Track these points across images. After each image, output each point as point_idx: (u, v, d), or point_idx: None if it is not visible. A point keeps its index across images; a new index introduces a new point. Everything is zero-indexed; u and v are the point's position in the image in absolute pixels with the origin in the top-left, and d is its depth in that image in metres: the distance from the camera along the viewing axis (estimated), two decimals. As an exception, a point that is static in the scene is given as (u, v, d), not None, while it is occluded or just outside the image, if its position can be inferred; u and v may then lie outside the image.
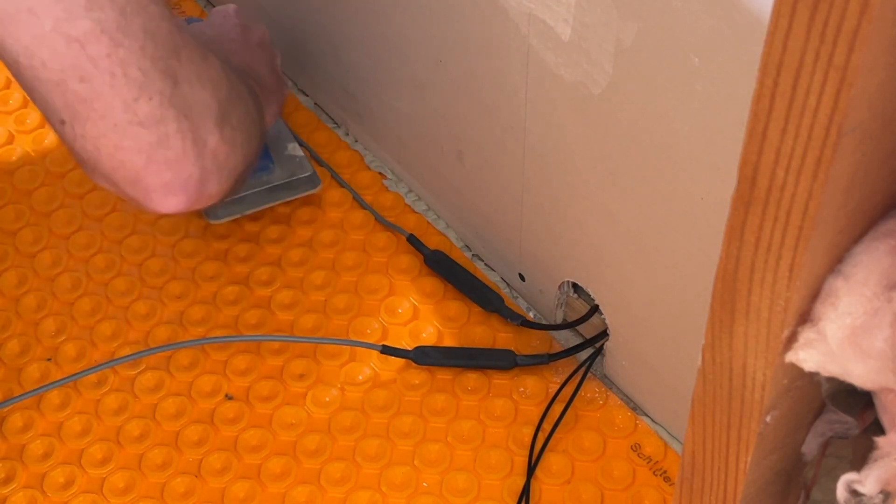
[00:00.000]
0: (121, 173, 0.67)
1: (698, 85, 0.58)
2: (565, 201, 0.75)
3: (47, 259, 0.90)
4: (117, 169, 0.66)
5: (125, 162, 0.66)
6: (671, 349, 0.74)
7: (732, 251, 0.36)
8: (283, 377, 0.83)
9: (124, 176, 0.67)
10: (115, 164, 0.66)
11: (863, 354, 0.35)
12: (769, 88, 0.32)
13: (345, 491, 0.77)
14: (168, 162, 0.66)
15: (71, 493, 0.77)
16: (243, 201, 0.89)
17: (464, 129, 0.81)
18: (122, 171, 0.67)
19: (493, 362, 0.82)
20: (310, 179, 0.91)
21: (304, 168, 0.91)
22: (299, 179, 0.90)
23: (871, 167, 0.34)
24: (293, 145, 0.92)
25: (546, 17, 0.65)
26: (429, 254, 0.88)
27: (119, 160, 0.66)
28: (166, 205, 0.68)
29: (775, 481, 0.45)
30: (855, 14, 0.29)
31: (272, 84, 0.84)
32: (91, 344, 0.85)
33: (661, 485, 0.77)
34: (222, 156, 0.68)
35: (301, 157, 0.91)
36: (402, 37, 0.82)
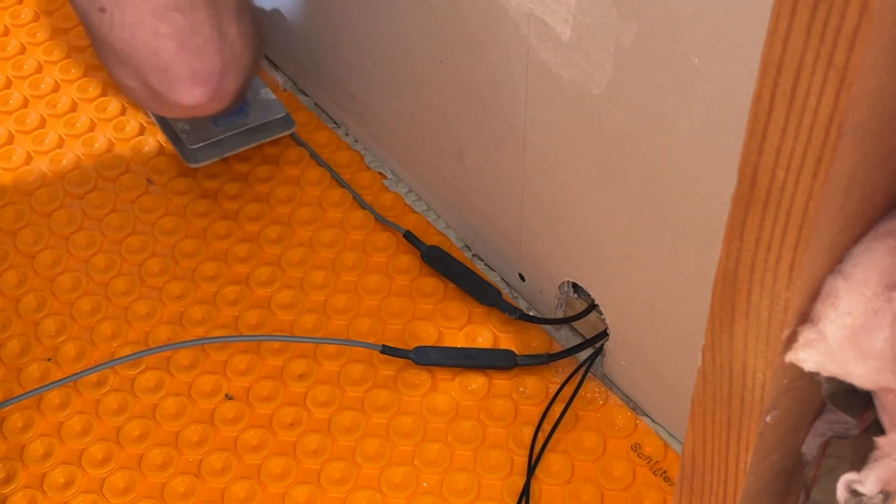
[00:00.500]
0: (152, 62, 0.73)
1: (698, 85, 0.58)
2: (565, 201, 0.75)
3: (47, 259, 0.90)
4: (150, 58, 0.72)
5: (159, 50, 0.72)
6: (671, 349, 0.74)
7: (732, 251, 0.36)
8: (283, 377, 0.83)
9: (155, 64, 0.72)
10: (149, 53, 0.72)
11: (863, 354, 0.35)
12: (769, 88, 0.32)
13: (345, 491, 0.77)
14: (197, 50, 0.72)
15: (71, 493, 0.77)
16: (221, 144, 0.91)
17: (464, 129, 0.81)
18: (153, 60, 0.72)
19: (493, 362, 0.82)
20: (284, 121, 0.93)
21: (278, 110, 0.93)
22: (274, 121, 0.93)
23: (871, 167, 0.34)
24: (266, 90, 0.94)
25: (546, 17, 0.65)
26: (426, 249, 0.88)
27: (154, 48, 0.72)
28: (191, 95, 0.74)
29: (775, 481, 0.45)
30: (855, 14, 0.29)
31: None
32: (91, 344, 0.85)
33: (661, 485, 0.77)
34: (238, 49, 0.75)
35: (274, 100, 0.94)
36: (402, 37, 0.82)
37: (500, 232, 0.85)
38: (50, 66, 1.02)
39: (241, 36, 0.75)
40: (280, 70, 1.03)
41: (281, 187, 0.94)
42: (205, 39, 0.73)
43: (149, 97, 0.76)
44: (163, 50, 0.72)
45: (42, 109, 0.99)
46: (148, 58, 0.73)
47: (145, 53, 0.73)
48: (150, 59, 0.73)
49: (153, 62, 0.73)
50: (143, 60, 0.73)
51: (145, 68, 0.74)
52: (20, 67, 1.02)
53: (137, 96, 0.77)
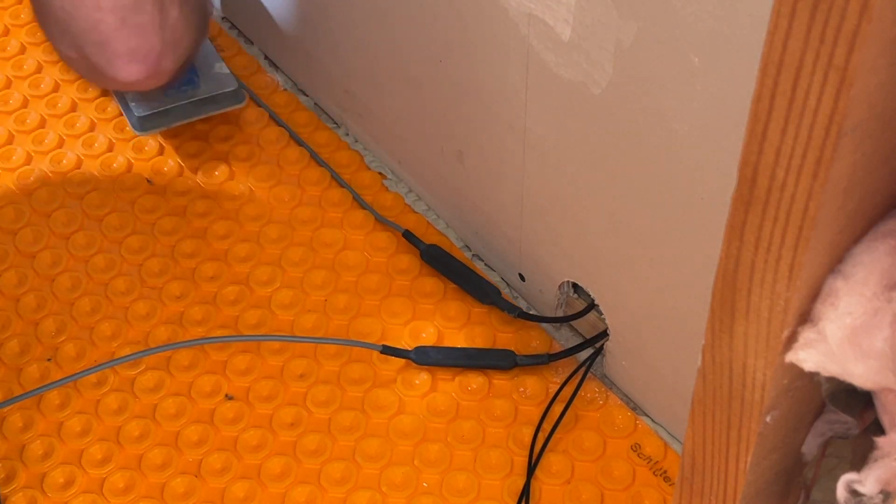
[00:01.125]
0: (92, 35, 0.73)
1: (698, 85, 0.58)
2: (565, 201, 0.75)
3: (47, 259, 0.90)
4: (90, 31, 0.73)
5: (99, 23, 0.72)
6: (671, 349, 0.74)
7: (732, 251, 0.36)
8: (283, 377, 0.83)
9: (95, 38, 0.73)
10: (90, 25, 0.72)
11: (863, 354, 0.35)
12: (769, 88, 0.32)
13: (345, 491, 0.77)
14: (138, 27, 0.73)
15: (71, 493, 0.77)
16: (168, 114, 0.92)
17: (464, 129, 0.81)
18: (93, 33, 0.73)
19: (493, 362, 0.82)
20: (234, 94, 0.93)
21: (229, 84, 0.93)
22: (224, 94, 0.93)
23: (871, 167, 0.34)
24: (220, 65, 0.94)
25: (546, 17, 0.65)
26: (425, 248, 0.88)
27: (94, 20, 0.72)
28: (127, 72, 0.75)
29: (775, 481, 0.45)
30: (855, 14, 0.29)
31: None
32: (91, 344, 0.85)
33: (661, 485, 0.77)
34: (179, 32, 0.76)
35: (227, 74, 0.94)
36: (402, 37, 0.82)
37: (500, 232, 0.85)
38: (50, 66, 1.02)
39: (184, 18, 0.76)
40: (280, 70, 1.03)
41: (281, 187, 0.94)
42: (146, 18, 0.73)
43: (87, 69, 0.77)
44: (103, 23, 0.72)
45: (42, 109, 0.99)
46: (88, 30, 0.73)
47: (85, 25, 0.73)
48: (90, 31, 0.73)
49: (93, 35, 0.73)
50: (82, 32, 0.73)
51: (85, 40, 0.74)
52: (20, 67, 1.02)
53: (77, 67, 0.78)
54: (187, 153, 0.96)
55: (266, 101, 1.00)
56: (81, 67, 0.78)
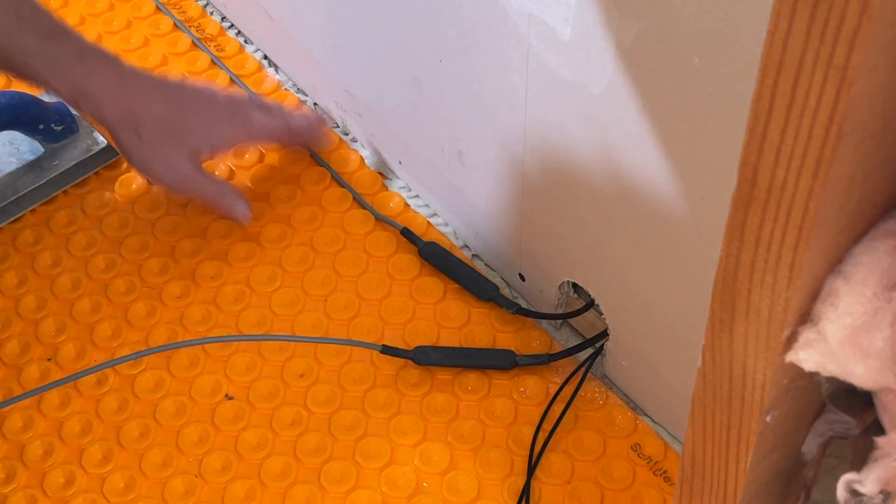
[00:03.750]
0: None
1: (698, 85, 0.58)
2: (565, 201, 0.75)
3: (47, 259, 0.90)
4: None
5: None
6: (671, 349, 0.74)
7: (732, 251, 0.36)
8: (283, 377, 0.83)
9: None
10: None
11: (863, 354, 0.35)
12: (769, 88, 0.32)
13: (345, 491, 0.77)
14: None
15: (71, 492, 0.77)
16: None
17: (464, 129, 0.81)
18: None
19: (492, 362, 0.82)
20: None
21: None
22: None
23: (871, 167, 0.33)
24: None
25: (546, 17, 0.65)
26: (423, 246, 0.88)
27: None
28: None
29: (775, 481, 0.45)
30: (855, 14, 0.29)
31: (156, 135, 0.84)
32: (91, 344, 0.85)
33: (661, 485, 0.77)
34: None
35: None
36: (402, 37, 0.82)
37: (500, 232, 0.85)
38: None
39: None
40: (280, 70, 1.03)
41: (281, 187, 0.94)
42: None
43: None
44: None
45: (42, 109, 0.99)
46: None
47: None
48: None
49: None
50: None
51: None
52: (20, 67, 1.02)
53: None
54: (187, 153, 0.96)
55: (266, 101, 1.00)
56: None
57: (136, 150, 0.82)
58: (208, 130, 0.85)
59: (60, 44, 0.79)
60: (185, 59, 1.03)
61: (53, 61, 0.79)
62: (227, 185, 0.88)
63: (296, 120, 0.91)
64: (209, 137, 0.85)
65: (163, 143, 0.82)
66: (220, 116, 0.85)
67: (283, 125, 0.90)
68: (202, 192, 0.86)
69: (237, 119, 0.86)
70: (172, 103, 0.83)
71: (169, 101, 0.83)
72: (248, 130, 0.87)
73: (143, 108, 0.82)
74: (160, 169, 0.83)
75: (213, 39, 1.05)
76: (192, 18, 1.07)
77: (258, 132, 0.88)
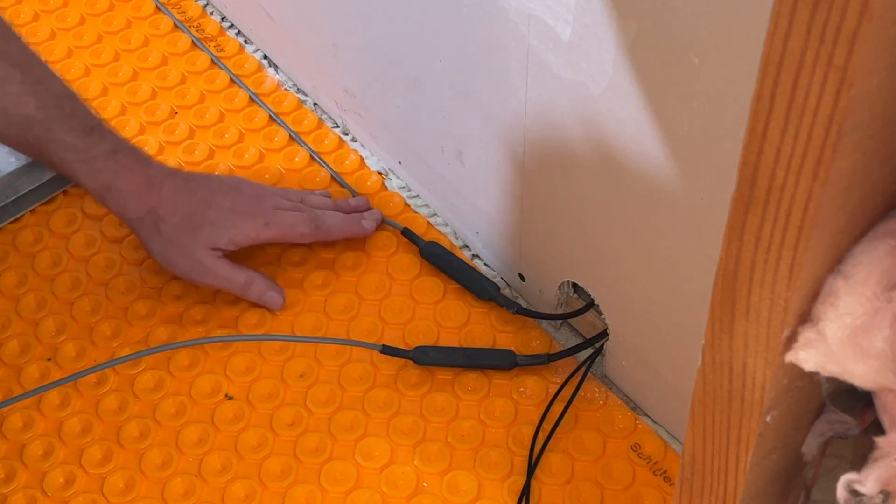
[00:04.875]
0: None
1: (698, 85, 0.58)
2: (565, 201, 0.75)
3: (47, 259, 0.90)
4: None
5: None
6: (671, 349, 0.74)
7: (732, 251, 0.36)
8: (283, 377, 0.83)
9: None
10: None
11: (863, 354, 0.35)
12: (769, 88, 0.32)
13: (345, 491, 0.77)
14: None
15: (71, 492, 0.77)
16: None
17: (464, 129, 0.81)
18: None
19: (492, 362, 0.82)
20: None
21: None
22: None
23: (871, 167, 0.33)
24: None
25: (546, 17, 0.65)
26: (423, 245, 0.88)
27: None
28: None
29: (775, 481, 0.45)
30: (855, 14, 0.29)
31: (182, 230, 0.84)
32: (91, 344, 0.85)
33: (661, 485, 0.77)
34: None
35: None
36: (402, 37, 0.82)
37: (500, 232, 0.85)
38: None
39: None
40: (280, 70, 1.03)
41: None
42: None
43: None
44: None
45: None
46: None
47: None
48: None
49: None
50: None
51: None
52: (20, 67, 1.02)
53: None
54: (188, 153, 0.96)
55: (266, 101, 1.00)
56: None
57: (156, 244, 0.84)
58: (228, 225, 0.84)
59: (95, 141, 0.81)
60: (185, 59, 1.03)
61: (86, 158, 0.81)
62: (256, 274, 0.86)
63: (328, 219, 0.88)
64: (228, 232, 0.84)
65: (180, 238, 0.83)
66: (242, 212, 0.85)
67: (312, 225, 0.87)
68: (226, 282, 0.85)
69: (260, 215, 0.86)
70: (194, 199, 0.84)
71: (191, 198, 0.84)
72: (273, 227, 0.86)
73: (164, 205, 0.83)
74: (177, 261, 0.84)
75: (213, 39, 1.05)
76: (192, 18, 1.07)
77: (284, 228, 0.86)
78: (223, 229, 0.84)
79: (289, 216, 0.86)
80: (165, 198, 0.83)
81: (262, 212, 0.85)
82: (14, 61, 0.78)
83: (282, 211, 0.86)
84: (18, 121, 0.78)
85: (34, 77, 0.79)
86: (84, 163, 0.81)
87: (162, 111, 0.99)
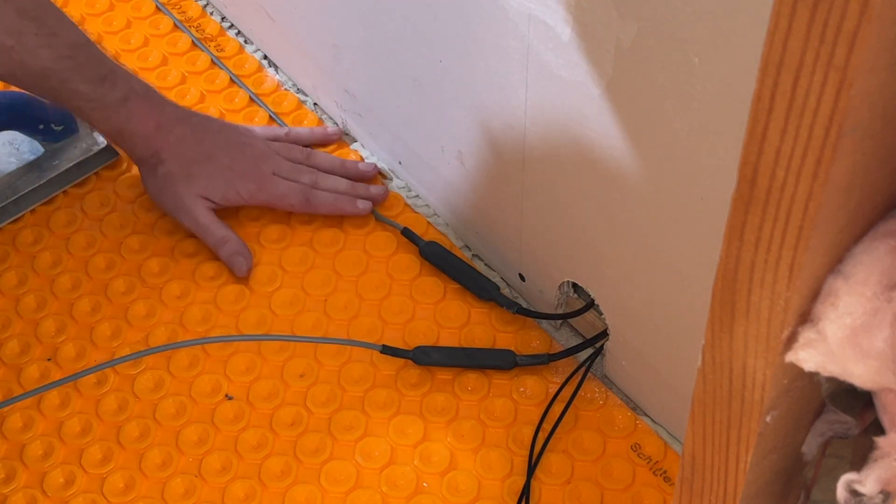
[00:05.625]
0: None
1: (698, 85, 0.58)
2: (565, 201, 0.75)
3: (47, 259, 0.90)
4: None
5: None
6: (671, 349, 0.74)
7: (732, 251, 0.36)
8: (283, 377, 0.83)
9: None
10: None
11: (863, 354, 0.35)
12: (769, 88, 0.32)
13: (345, 491, 0.77)
14: None
15: (71, 492, 0.77)
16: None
17: (464, 129, 0.81)
18: None
19: (492, 362, 0.82)
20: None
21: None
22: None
23: (871, 167, 0.33)
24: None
25: (546, 17, 0.65)
26: (423, 245, 0.88)
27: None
28: None
29: (775, 481, 0.45)
30: (855, 14, 0.29)
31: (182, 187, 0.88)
32: (91, 344, 0.85)
33: (661, 485, 0.77)
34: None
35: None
36: (402, 37, 0.82)
37: (500, 232, 0.85)
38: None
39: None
40: (280, 70, 1.03)
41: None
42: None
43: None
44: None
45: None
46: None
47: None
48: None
49: None
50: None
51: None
52: (20, 67, 1.02)
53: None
54: (187, 153, 0.96)
55: (266, 101, 1.00)
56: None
57: (152, 182, 0.89)
58: (222, 181, 0.88)
59: (107, 90, 0.84)
60: (185, 59, 1.03)
61: (98, 106, 0.84)
62: (233, 235, 0.88)
63: (321, 196, 0.90)
64: (220, 188, 0.88)
65: (175, 181, 0.87)
66: (239, 172, 0.88)
67: (302, 199, 0.89)
68: (204, 230, 0.88)
69: (255, 179, 0.88)
70: (197, 150, 0.87)
71: (195, 148, 0.87)
72: (264, 193, 0.89)
73: (168, 150, 0.87)
74: (167, 199, 0.89)
75: (213, 39, 1.05)
76: (192, 18, 1.07)
77: (274, 198, 0.89)
78: (217, 184, 0.88)
79: (282, 186, 0.89)
80: (171, 144, 0.87)
81: (258, 176, 0.88)
82: (30, 14, 0.80)
83: (278, 179, 0.89)
84: (35, 72, 0.81)
85: (49, 29, 0.81)
86: (97, 110, 0.84)
87: (162, 111, 0.99)
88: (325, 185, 0.90)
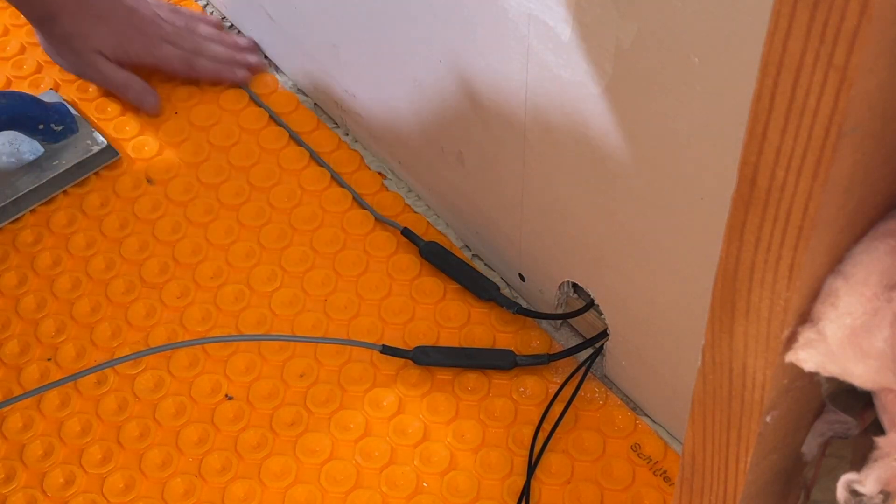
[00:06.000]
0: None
1: (698, 85, 0.58)
2: (565, 201, 0.75)
3: (47, 259, 0.90)
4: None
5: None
6: (671, 349, 0.74)
7: (732, 251, 0.36)
8: (283, 377, 0.83)
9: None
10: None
11: (863, 354, 0.35)
12: (769, 88, 0.32)
13: (345, 491, 0.77)
14: None
15: (71, 492, 0.77)
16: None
17: (464, 129, 0.81)
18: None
19: (492, 362, 0.82)
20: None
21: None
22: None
23: (871, 167, 0.33)
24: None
25: (546, 17, 0.65)
26: (423, 245, 0.88)
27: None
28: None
29: (775, 481, 0.45)
30: (855, 14, 0.29)
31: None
32: (91, 344, 0.85)
33: (661, 485, 0.77)
34: None
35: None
36: (402, 36, 0.82)
37: (500, 232, 0.85)
38: (49, 66, 1.02)
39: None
40: (280, 70, 1.03)
41: (281, 187, 0.94)
42: None
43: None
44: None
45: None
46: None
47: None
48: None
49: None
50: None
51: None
52: (20, 67, 1.02)
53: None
54: (188, 153, 0.96)
55: (266, 101, 1.00)
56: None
57: (49, 44, 0.98)
58: (115, 42, 0.96)
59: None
60: (185, 59, 1.03)
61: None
62: (135, 78, 0.96)
63: (203, 62, 0.98)
64: (113, 48, 0.96)
65: (71, 40, 0.96)
66: (130, 35, 0.96)
67: (185, 65, 0.97)
68: (105, 79, 0.97)
69: (146, 41, 0.96)
70: (91, 12, 0.95)
71: (89, 10, 0.95)
72: (152, 56, 0.96)
73: (63, 10, 0.94)
74: (66, 57, 0.98)
75: (213, 39, 1.05)
76: (192, 18, 1.07)
77: (160, 60, 0.97)
78: (109, 43, 0.96)
79: (167, 49, 0.97)
80: (65, 4, 0.94)
81: (149, 38, 0.97)
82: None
83: (165, 44, 0.97)
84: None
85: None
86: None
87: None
88: (207, 52, 0.98)
